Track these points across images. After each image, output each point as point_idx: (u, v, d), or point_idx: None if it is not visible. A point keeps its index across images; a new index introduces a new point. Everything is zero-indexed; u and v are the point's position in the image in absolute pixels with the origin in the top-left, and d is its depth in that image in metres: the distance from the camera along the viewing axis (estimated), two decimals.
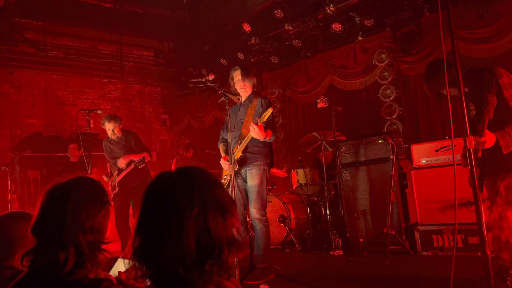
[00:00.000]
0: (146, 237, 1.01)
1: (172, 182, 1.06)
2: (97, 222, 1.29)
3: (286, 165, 6.80)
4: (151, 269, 1.00)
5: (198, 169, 1.11)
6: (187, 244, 0.96)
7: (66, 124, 8.37)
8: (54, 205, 1.27)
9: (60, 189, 1.29)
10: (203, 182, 1.06)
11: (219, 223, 1.01)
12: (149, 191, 1.07)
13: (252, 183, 3.87)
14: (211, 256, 0.98)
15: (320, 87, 7.20)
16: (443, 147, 4.23)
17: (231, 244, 1.02)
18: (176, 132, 10.02)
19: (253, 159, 3.91)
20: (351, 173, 4.96)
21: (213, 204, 1.02)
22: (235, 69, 4.15)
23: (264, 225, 3.86)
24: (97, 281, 1.20)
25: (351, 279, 3.78)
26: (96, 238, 1.28)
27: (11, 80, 7.89)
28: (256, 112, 4.00)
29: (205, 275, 0.98)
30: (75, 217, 1.24)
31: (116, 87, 9.33)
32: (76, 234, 1.23)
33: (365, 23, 6.10)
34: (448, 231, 4.09)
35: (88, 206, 1.27)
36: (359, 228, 4.72)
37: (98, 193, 1.33)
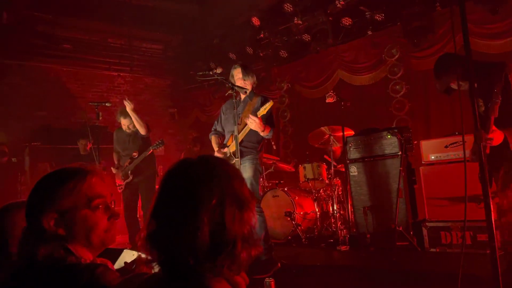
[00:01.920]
0: (161, 222, 1.00)
1: (193, 168, 1.04)
2: (63, 204, 1.26)
3: (294, 160, 6.79)
4: (162, 255, 0.99)
5: (219, 160, 1.09)
6: (201, 236, 0.95)
7: (76, 117, 8.44)
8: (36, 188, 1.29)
9: (45, 175, 1.31)
10: (224, 173, 1.03)
11: (235, 217, 0.98)
12: (169, 175, 1.05)
13: (245, 175, 3.94)
14: (224, 251, 0.96)
15: (329, 82, 7.16)
16: (453, 143, 4.18)
17: (245, 240, 0.99)
18: (184, 125, 10.05)
19: (247, 153, 4.01)
20: (359, 168, 4.93)
21: (232, 197, 1.00)
22: (235, 67, 4.18)
23: (260, 215, 3.90)
24: (92, 266, 1.19)
25: (357, 274, 3.77)
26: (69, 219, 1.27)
27: (22, 72, 7.96)
28: (255, 109, 4.06)
29: (216, 268, 0.96)
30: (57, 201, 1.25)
31: (125, 80, 9.38)
32: (41, 216, 1.23)
33: (376, 17, 6.04)
34: (456, 227, 4.05)
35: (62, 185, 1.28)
36: (366, 224, 4.69)
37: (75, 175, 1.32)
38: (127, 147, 5.36)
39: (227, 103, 4.31)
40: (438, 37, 5.72)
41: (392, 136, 4.67)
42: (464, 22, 1.90)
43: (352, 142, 5.01)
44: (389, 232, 4.31)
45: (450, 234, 4.09)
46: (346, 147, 5.04)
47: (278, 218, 5.56)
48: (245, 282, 1.04)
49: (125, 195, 5.30)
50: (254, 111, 3.92)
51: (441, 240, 4.15)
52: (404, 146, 4.56)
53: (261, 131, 3.82)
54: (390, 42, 6.26)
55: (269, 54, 7.54)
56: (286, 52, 7.37)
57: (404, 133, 4.66)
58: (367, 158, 4.88)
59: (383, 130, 4.83)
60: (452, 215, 4.08)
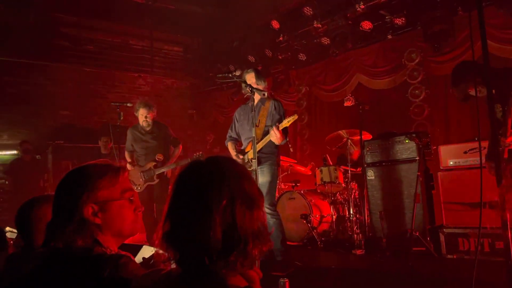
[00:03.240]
0: (175, 223, 1.05)
1: (203, 171, 1.08)
2: (101, 196, 1.33)
3: (311, 163, 6.79)
4: (178, 254, 1.04)
5: (229, 160, 1.13)
6: (213, 235, 0.99)
7: (97, 117, 8.63)
8: (64, 183, 1.35)
9: (76, 168, 1.38)
10: (233, 174, 1.07)
11: (246, 216, 1.02)
12: (180, 177, 1.10)
13: (264, 180, 4.05)
14: (237, 249, 1.00)
15: (348, 85, 7.14)
16: (472, 149, 4.13)
17: (256, 237, 1.03)
18: (202, 127, 10.15)
19: (266, 159, 4.12)
20: (376, 173, 4.90)
21: (241, 197, 1.03)
22: (248, 71, 4.26)
23: (277, 218, 3.97)
24: (116, 257, 1.25)
25: (372, 278, 3.76)
26: (101, 217, 1.33)
27: (47, 72, 8.19)
28: (269, 114, 4.14)
29: (230, 265, 1.00)
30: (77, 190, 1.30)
31: (146, 81, 9.54)
32: (81, 206, 1.29)
33: (396, 21, 6.01)
34: (474, 234, 4.00)
35: (95, 180, 1.33)
36: (382, 228, 4.66)
37: (111, 169, 1.39)
38: (146, 146, 5.32)
39: (239, 109, 4.44)
40: (459, 41, 5.66)
41: (410, 141, 4.64)
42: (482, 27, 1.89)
43: (369, 146, 4.99)
44: (406, 237, 4.28)
45: (468, 241, 4.04)
46: (364, 151, 5.03)
47: (294, 220, 5.57)
48: (258, 276, 1.07)
49: (142, 195, 5.35)
50: (269, 117, 4.03)
51: (459, 247, 4.09)
52: (422, 151, 4.52)
53: (278, 143, 4.01)
54: (410, 46, 6.21)
55: (288, 57, 7.57)
56: (305, 55, 7.39)
57: (423, 138, 4.62)
58: (384, 162, 4.85)
59: (401, 135, 4.80)
60: (470, 221, 4.02)
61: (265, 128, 4.14)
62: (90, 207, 1.30)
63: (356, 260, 4.55)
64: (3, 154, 7.56)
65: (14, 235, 3.15)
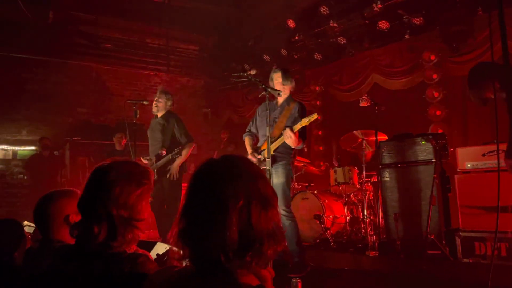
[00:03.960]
0: (190, 221, 1.06)
1: (219, 171, 1.08)
2: (131, 199, 1.35)
3: (325, 163, 6.76)
4: (193, 252, 1.05)
5: (244, 160, 1.13)
6: (230, 234, 0.99)
7: (113, 114, 8.74)
8: (94, 180, 1.36)
9: (103, 167, 1.39)
10: (248, 174, 1.07)
11: (261, 216, 1.03)
12: (196, 175, 1.11)
13: (278, 180, 4.00)
14: (252, 248, 1.01)
15: (364, 85, 7.09)
16: (491, 152, 4.05)
17: (271, 237, 1.03)
18: (216, 125, 10.20)
19: (280, 158, 4.06)
20: (391, 174, 4.85)
21: (257, 197, 1.04)
22: (275, 71, 4.24)
23: (293, 220, 3.95)
24: (135, 256, 1.28)
25: (386, 280, 3.73)
26: (130, 215, 1.34)
27: (65, 70, 8.33)
28: (291, 115, 4.10)
29: (245, 264, 1.01)
30: (109, 192, 1.31)
31: (162, 79, 9.63)
32: (110, 207, 1.30)
33: (414, 21, 5.93)
34: (491, 238, 3.92)
35: (123, 183, 1.34)
36: (397, 230, 4.61)
37: (137, 173, 1.40)
38: (154, 136, 5.23)
39: (263, 105, 4.30)
40: (478, 42, 5.55)
41: (427, 143, 4.57)
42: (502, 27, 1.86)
43: (385, 147, 4.94)
44: (420, 239, 4.23)
45: (484, 245, 3.97)
46: (379, 152, 4.98)
47: (307, 220, 5.55)
48: (271, 275, 1.08)
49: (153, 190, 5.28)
50: (290, 119, 3.97)
51: (475, 251, 4.02)
52: (439, 153, 4.45)
53: (294, 146, 3.90)
54: (427, 46, 6.12)
55: (303, 56, 7.55)
56: (321, 54, 7.35)
57: (439, 140, 4.56)
58: (400, 164, 4.80)
59: (417, 136, 4.74)
60: (488, 225, 3.95)
61: (284, 128, 4.05)
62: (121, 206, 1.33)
63: (370, 262, 4.52)
64: (22, 150, 7.72)
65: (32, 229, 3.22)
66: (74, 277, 1.25)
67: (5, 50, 7.54)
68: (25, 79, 7.94)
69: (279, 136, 4.03)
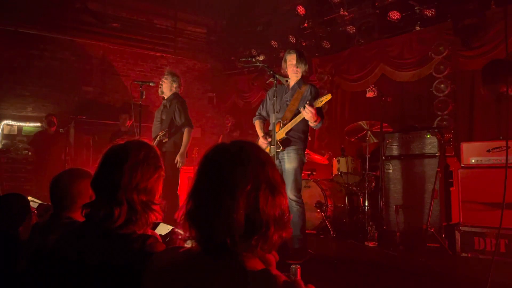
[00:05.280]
0: (198, 204, 1.07)
1: (229, 155, 1.09)
2: (150, 184, 1.38)
3: (328, 152, 6.77)
4: (200, 234, 1.06)
5: (254, 146, 1.14)
6: (236, 218, 1.01)
7: (119, 94, 8.73)
8: (112, 164, 1.37)
9: (119, 150, 1.39)
10: (258, 160, 1.08)
11: (268, 201, 1.04)
12: (206, 159, 1.11)
13: (290, 166, 3.94)
14: (258, 233, 1.02)
15: (371, 76, 7.03)
16: (496, 148, 4.04)
17: (277, 222, 1.05)
18: (221, 110, 10.19)
19: (293, 143, 3.99)
20: (395, 166, 4.86)
21: (265, 183, 1.05)
22: (290, 52, 4.15)
23: (301, 206, 3.93)
24: (144, 237, 1.30)
25: (384, 271, 3.76)
26: (149, 198, 1.37)
27: (73, 48, 8.31)
28: (304, 98, 4.02)
29: (250, 248, 1.03)
30: (131, 177, 1.33)
31: (168, 61, 9.58)
32: (131, 193, 1.33)
33: (425, 12, 5.85)
34: (491, 234, 3.94)
35: (143, 169, 1.36)
36: (397, 222, 4.64)
37: (153, 157, 1.42)
38: (157, 116, 5.15)
39: (272, 89, 4.19)
40: (490, 36, 5.48)
41: (432, 136, 4.57)
42: None
43: (390, 139, 4.94)
44: (420, 232, 4.26)
45: (484, 240, 3.99)
46: (383, 143, 4.97)
47: (308, 209, 5.54)
48: (275, 259, 1.09)
49: None
50: (311, 100, 3.88)
51: (474, 246, 4.05)
52: (444, 147, 4.45)
53: (313, 121, 3.77)
54: (438, 39, 6.05)
55: (311, 44, 7.48)
56: (329, 43, 7.29)
57: (445, 134, 4.55)
58: (403, 156, 4.80)
59: (422, 129, 4.73)
60: (488, 221, 3.97)
61: (296, 111, 3.94)
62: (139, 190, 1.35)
63: (368, 252, 4.56)
64: (27, 126, 7.75)
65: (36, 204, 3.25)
66: (81, 255, 1.27)
67: (14, 25, 7.52)
68: (33, 56, 7.93)
69: (292, 118, 3.95)
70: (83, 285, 1.24)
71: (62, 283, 1.28)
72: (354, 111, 7.43)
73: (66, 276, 1.27)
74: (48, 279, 1.31)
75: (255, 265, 1.00)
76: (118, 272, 1.21)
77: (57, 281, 1.29)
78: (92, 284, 1.23)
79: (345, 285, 3.35)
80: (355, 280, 3.52)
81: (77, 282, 1.25)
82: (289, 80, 4.07)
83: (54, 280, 1.30)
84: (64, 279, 1.27)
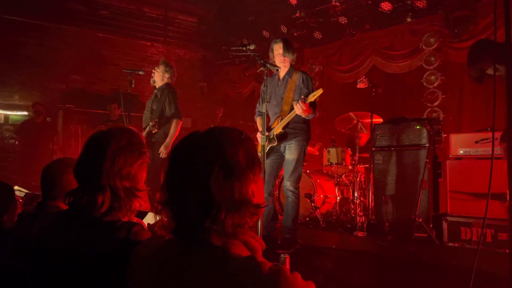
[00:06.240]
0: (169, 191, 1.07)
1: (195, 138, 1.09)
2: (133, 170, 1.36)
3: (319, 143, 6.78)
4: (173, 221, 1.06)
5: (229, 129, 1.12)
6: (190, 201, 1.01)
7: (108, 83, 8.62)
8: (94, 150, 1.34)
9: (101, 136, 1.37)
10: (219, 141, 1.06)
11: (221, 185, 1.01)
12: (176, 145, 1.12)
13: (290, 157, 3.95)
14: (209, 216, 1.00)
15: (362, 67, 7.04)
16: (484, 139, 4.08)
17: (230, 207, 1.01)
18: (212, 100, 10.13)
19: (294, 134, 3.99)
20: (384, 157, 4.89)
21: (221, 165, 1.02)
22: (276, 41, 4.11)
23: (297, 197, 3.95)
24: (129, 224, 1.28)
25: (372, 260, 3.80)
26: (132, 185, 1.35)
27: (61, 35, 8.15)
28: (297, 87, 4.00)
29: (206, 234, 1.00)
30: (113, 163, 1.31)
31: (158, 51, 9.48)
32: (114, 179, 1.31)
33: (417, 4, 5.86)
34: (478, 224, 4.00)
35: (126, 154, 1.34)
36: (386, 212, 4.68)
37: (136, 143, 1.40)
38: (148, 105, 5.07)
39: (267, 81, 4.13)
40: (480, 29, 5.51)
41: (421, 127, 4.59)
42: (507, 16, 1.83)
43: (379, 130, 4.96)
44: (409, 222, 4.30)
45: (470, 230, 4.05)
46: (373, 134, 4.99)
47: None
48: (261, 247, 1.09)
49: None
50: (297, 91, 3.88)
51: (461, 236, 4.11)
52: (433, 138, 4.49)
53: (305, 116, 3.81)
54: (429, 30, 6.07)
55: (303, 34, 7.45)
56: (321, 33, 7.26)
57: (434, 125, 4.58)
58: (393, 147, 4.83)
59: (412, 120, 4.76)
60: (475, 211, 4.03)
61: (293, 102, 3.91)
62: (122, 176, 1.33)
63: (357, 242, 4.60)
64: (14, 114, 7.63)
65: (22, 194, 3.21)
66: (65, 243, 1.25)
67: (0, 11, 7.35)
68: (20, 43, 7.76)
69: (290, 111, 3.93)
70: (67, 274, 1.22)
71: (47, 271, 1.26)
72: (345, 102, 7.44)
73: (51, 265, 1.25)
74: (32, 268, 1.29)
75: (240, 252, 0.99)
76: (103, 260, 1.19)
77: (42, 270, 1.27)
78: (77, 273, 1.21)
79: (333, 274, 3.38)
80: (343, 269, 3.55)
81: (61, 270, 1.23)
82: (280, 70, 4.05)
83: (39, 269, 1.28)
84: (48, 268, 1.25)
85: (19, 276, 1.37)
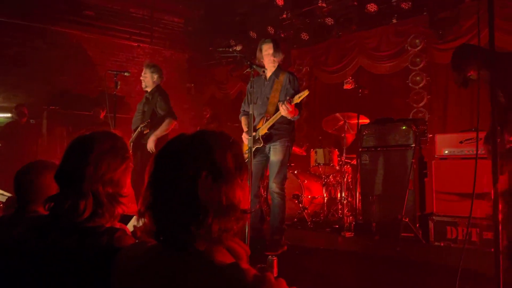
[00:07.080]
0: (154, 194, 1.04)
1: (181, 141, 1.07)
2: (116, 175, 1.32)
3: (306, 144, 6.79)
4: (156, 227, 1.02)
5: (216, 132, 1.10)
6: (175, 204, 0.98)
7: (94, 84, 8.51)
8: (77, 154, 1.31)
9: (84, 140, 1.33)
10: (207, 145, 1.04)
11: (209, 188, 0.98)
12: (160, 149, 1.09)
13: (275, 158, 3.94)
14: (195, 221, 0.97)
15: (349, 68, 7.09)
16: (468, 139, 4.14)
17: (217, 212, 0.99)
18: (199, 101, 10.08)
19: (278, 135, 3.99)
20: (371, 157, 4.92)
21: (209, 168, 1.00)
22: (266, 41, 4.11)
23: (282, 198, 3.95)
24: (112, 230, 1.25)
25: (359, 260, 3.82)
26: (115, 190, 1.32)
27: (45, 36, 8.02)
28: (283, 87, 4.00)
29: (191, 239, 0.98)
30: (96, 168, 1.28)
31: (145, 51, 9.40)
32: (97, 184, 1.27)
33: (402, 5, 5.91)
34: (463, 223, 4.05)
35: (109, 159, 1.31)
36: (373, 212, 4.71)
37: (120, 148, 1.36)
38: (139, 108, 5.05)
39: (249, 82, 4.15)
40: (464, 30, 5.59)
41: (407, 128, 4.63)
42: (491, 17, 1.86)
43: (366, 130, 4.99)
44: (395, 222, 4.33)
45: (456, 230, 4.09)
46: (360, 135, 5.02)
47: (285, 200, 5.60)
48: (246, 253, 1.07)
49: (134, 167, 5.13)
50: (283, 91, 3.89)
51: (447, 235, 4.15)
52: (419, 138, 4.53)
53: (291, 117, 3.83)
54: (414, 31, 6.14)
55: (290, 35, 7.47)
56: (308, 34, 7.28)
57: (420, 125, 4.62)
58: (380, 148, 4.86)
59: (398, 121, 4.80)
60: (460, 211, 4.07)
61: (278, 103, 3.92)
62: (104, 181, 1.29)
63: (345, 242, 4.61)
64: None
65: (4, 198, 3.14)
66: (47, 249, 1.22)
67: None
68: (3, 44, 7.61)
69: (275, 112, 3.93)
70: (48, 280, 1.19)
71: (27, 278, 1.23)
72: (332, 103, 7.48)
73: (31, 271, 1.22)
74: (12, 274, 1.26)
75: (224, 259, 0.97)
76: (85, 267, 1.17)
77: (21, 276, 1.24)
78: (58, 280, 1.18)
79: (321, 274, 3.39)
80: (331, 269, 3.56)
81: (42, 277, 1.20)
82: (266, 71, 4.04)
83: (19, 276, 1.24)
84: (28, 274, 1.22)
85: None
